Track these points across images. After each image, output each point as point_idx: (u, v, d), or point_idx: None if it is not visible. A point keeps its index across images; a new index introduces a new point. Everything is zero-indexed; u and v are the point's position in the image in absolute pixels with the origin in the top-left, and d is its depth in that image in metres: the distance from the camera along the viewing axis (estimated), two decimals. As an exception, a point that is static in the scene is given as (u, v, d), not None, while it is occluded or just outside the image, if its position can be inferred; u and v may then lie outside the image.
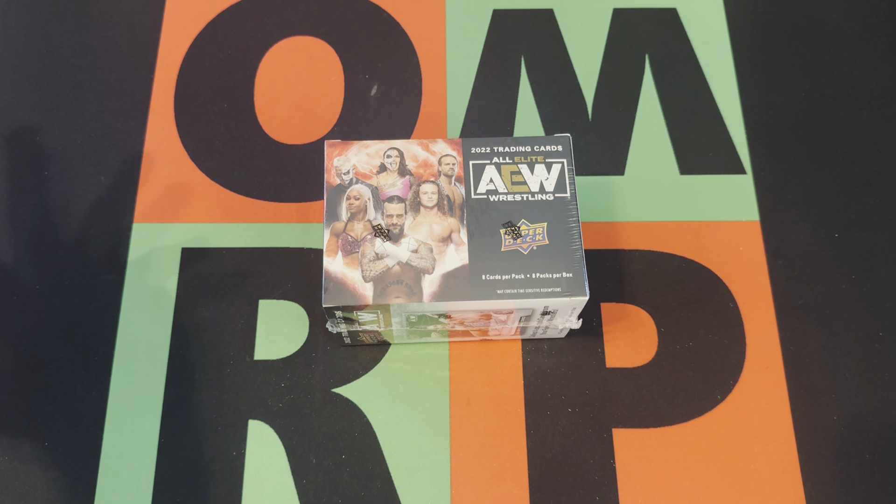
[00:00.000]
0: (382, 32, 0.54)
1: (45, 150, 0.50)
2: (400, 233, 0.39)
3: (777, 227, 0.49)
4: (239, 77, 0.53)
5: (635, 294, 0.47)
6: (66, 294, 0.46)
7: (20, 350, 0.45)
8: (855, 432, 0.44)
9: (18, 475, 0.42)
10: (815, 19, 0.55)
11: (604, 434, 0.44)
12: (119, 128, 0.51)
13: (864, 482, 0.43)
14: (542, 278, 0.39)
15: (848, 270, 0.48)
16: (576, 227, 0.40)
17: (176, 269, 0.47)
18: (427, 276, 0.38)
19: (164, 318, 0.46)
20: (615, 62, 0.53)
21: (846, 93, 0.52)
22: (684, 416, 0.44)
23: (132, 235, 0.48)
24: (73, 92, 0.52)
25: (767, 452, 0.43)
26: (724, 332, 0.46)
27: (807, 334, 0.46)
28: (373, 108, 0.52)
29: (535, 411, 0.44)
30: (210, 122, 0.51)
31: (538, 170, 0.41)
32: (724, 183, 0.50)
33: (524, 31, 0.54)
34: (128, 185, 0.49)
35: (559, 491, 0.42)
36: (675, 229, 0.49)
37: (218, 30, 0.54)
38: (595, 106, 0.52)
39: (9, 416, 0.44)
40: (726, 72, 0.53)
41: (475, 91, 0.52)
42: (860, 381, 0.45)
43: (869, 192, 0.50)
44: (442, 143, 0.41)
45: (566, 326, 0.43)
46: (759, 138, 0.51)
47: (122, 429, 0.44)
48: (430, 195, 0.40)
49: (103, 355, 0.45)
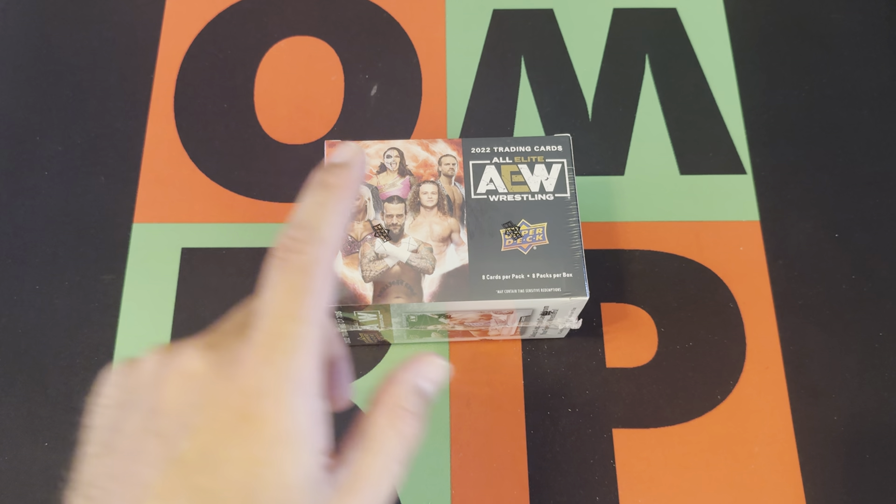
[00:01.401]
0: (382, 32, 0.54)
1: (44, 150, 0.50)
2: (400, 233, 0.39)
3: (777, 227, 0.49)
4: (239, 77, 0.53)
5: (635, 294, 0.47)
6: (65, 294, 0.46)
7: (20, 350, 0.45)
8: (855, 432, 0.44)
9: (18, 475, 0.42)
10: (815, 19, 0.55)
11: (604, 434, 0.44)
12: (119, 128, 0.51)
13: (865, 482, 0.43)
14: (542, 278, 0.39)
15: (848, 270, 0.48)
16: (576, 227, 0.40)
17: (176, 270, 0.47)
18: (427, 277, 0.38)
19: (164, 319, 0.46)
20: (615, 62, 0.53)
21: (847, 93, 0.52)
22: (684, 416, 0.44)
23: (132, 235, 0.48)
24: (73, 92, 0.52)
25: (768, 452, 0.43)
26: (724, 332, 0.46)
27: (807, 334, 0.46)
28: (373, 108, 0.52)
29: (535, 411, 0.44)
30: (210, 122, 0.51)
31: (538, 170, 0.41)
32: (724, 183, 0.50)
33: (524, 31, 0.54)
34: (127, 185, 0.49)
35: (559, 491, 0.42)
36: (676, 229, 0.49)
37: (218, 30, 0.54)
38: (595, 106, 0.52)
39: (8, 416, 0.44)
40: (726, 72, 0.53)
41: (475, 91, 0.52)
42: (861, 381, 0.45)
43: (869, 192, 0.50)
44: (442, 143, 0.41)
45: (566, 326, 0.43)
46: (760, 138, 0.51)
47: (122, 429, 0.43)
48: (429, 195, 0.40)
49: (103, 356, 0.45)
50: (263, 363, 0.22)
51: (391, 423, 0.25)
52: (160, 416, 0.22)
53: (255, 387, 0.22)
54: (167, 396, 0.23)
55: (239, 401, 0.22)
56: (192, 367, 0.23)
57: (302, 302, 0.23)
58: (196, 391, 0.22)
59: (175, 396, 0.22)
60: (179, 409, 0.22)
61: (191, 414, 0.22)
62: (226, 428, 0.22)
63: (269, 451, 0.22)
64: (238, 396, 0.22)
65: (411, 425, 0.25)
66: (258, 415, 0.22)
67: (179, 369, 0.23)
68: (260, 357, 0.22)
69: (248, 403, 0.22)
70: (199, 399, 0.22)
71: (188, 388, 0.22)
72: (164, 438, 0.22)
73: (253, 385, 0.22)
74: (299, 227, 0.24)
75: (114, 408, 0.24)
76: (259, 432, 0.22)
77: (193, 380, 0.22)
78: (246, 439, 0.22)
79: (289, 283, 0.23)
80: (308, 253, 0.23)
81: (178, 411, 0.22)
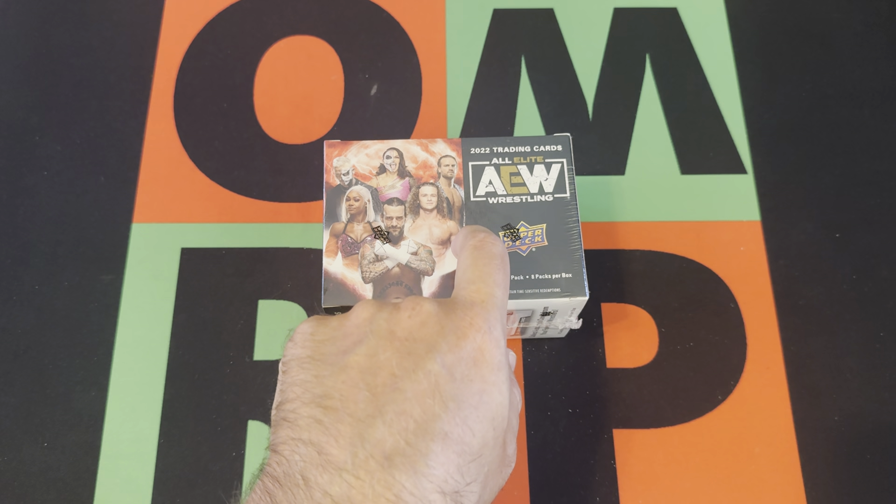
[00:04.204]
0: (382, 32, 0.54)
1: (44, 149, 0.50)
2: (399, 235, 0.39)
3: (778, 227, 0.49)
4: (238, 77, 0.52)
5: (636, 294, 0.47)
6: (65, 294, 0.46)
7: (19, 350, 0.45)
8: (856, 433, 0.44)
9: (17, 476, 0.42)
10: (816, 19, 0.55)
11: (604, 434, 0.43)
12: (118, 127, 0.51)
13: (866, 483, 0.43)
14: (541, 279, 0.38)
15: (849, 271, 0.47)
16: (575, 228, 0.39)
17: (175, 270, 0.47)
18: (427, 278, 0.38)
19: (163, 319, 0.46)
20: (616, 62, 0.53)
21: (848, 92, 0.52)
22: (685, 417, 0.44)
23: (131, 235, 0.48)
24: (73, 92, 0.52)
25: (768, 453, 0.43)
26: (724, 332, 0.46)
27: (808, 334, 0.46)
28: (373, 108, 0.52)
29: (535, 412, 0.44)
30: (209, 121, 0.51)
31: (537, 170, 0.41)
32: (724, 183, 0.50)
33: (524, 30, 0.54)
34: (127, 185, 0.49)
35: (560, 492, 0.42)
36: (676, 229, 0.48)
37: (217, 29, 0.54)
38: (595, 105, 0.52)
39: (7, 416, 0.44)
40: (727, 71, 0.53)
41: (475, 91, 0.52)
42: (861, 382, 0.45)
43: (870, 191, 0.49)
44: (441, 144, 0.41)
45: (566, 327, 0.43)
46: (760, 138, 0.51)
47: (122, 429, 0.43)
48: (429, 198, 0.40)
49: (102, 356, 0.45)
50: (482, 310, 0.30)
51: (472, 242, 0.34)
52: (402, 341, 0.29)
53: (479, 325, 0.29)
54: (405, 327, 0.29)
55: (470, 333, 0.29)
56: (424, 307, 0.30)
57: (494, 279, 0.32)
58: (434, 324, 0.29)
59: (414, 327, 0.29)
60: (423, 337, 0.29)
61: (434, 339, 0.28)
62: (464, 354, 0.28)
63: (494, 375, 0.29)
64: (469, 329, 0.29)
65: (486, 234, 0.34)
66: (484, 349, 0.29)
67: (413, 307, 0.30)
68: (477, 309, 0.30)
69: (476, 337, 0.29)
70: (439, 329, 0.29)
71: (426, 322, 0.29)
72: (412, 356, 0.28)
73: (478, 324, 0.29)
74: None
75: (329, 342, 0.30)
76: (488, 363, 0.29)
77: (431, 315, 0.29)
78: (480, 365, 0.29)
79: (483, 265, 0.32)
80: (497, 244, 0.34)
81: (421, 339, 0.29)
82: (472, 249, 0.33)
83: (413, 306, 0.30)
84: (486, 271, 0.32)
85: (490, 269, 0.32)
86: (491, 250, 0.33)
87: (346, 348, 0.29)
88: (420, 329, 0.29)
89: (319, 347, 0.30)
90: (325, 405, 0.27)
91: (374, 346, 0.29)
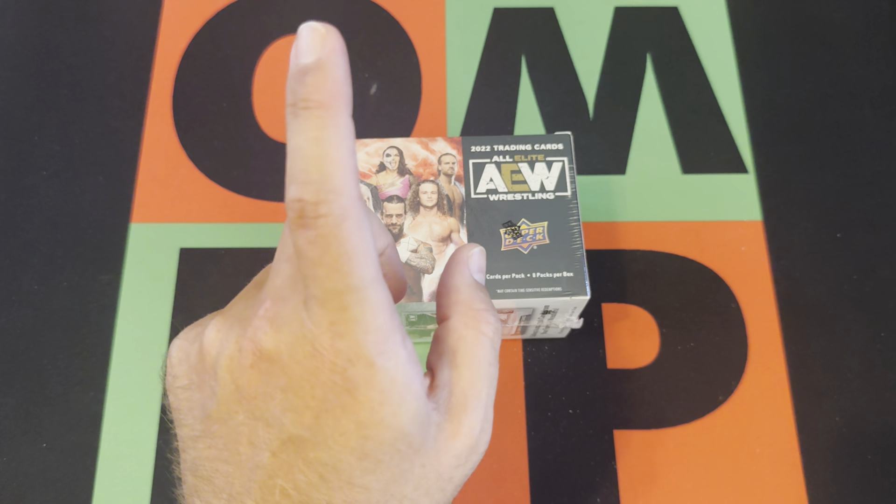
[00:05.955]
0: (382, 31, 0.54)
1: (42, 149, 0.50)
2: (399, 233, 0.39)
3: (779, 227, 0.48)
4: (237, 76, 0.52)
5: (637, 294, 0.47)
6: (63, 294, 0.46)
7: (17, 350, 0.45)
8: (858, 433, 0.44)
9: (16, 476, 0.42)
10: (817, 18, 0.54)
11: (605, 435, 0.43)
12: (117, 127, 0.51)
13: (867, 483, 0.42)
14: (542, 277, 0.38)
15: (850, 270, 0.47)
16: (576, 226, 0.39)
17: (174, 269, 0.47)
18: (427, 276, 0.38)
19: (162, 319, 0.46)
20: (616, 61, 0.53)
21: (849, 92, 0.52)
22: (686, 418, 0.44)
23: (130, 235, 0.48)
24: (71, 91, 0.52)
25: (770, 453, 0.43)
26: (726, 332, 0.46)
27: (809, 335, 0.46)
28: (372, 107, 0.51)
29: (535, 412, 0.44)
30: (208, 121, 0.51)
31: (538, 168, 0.40)
32: (726, 182, 0.49)
33: (525, 29, 0.54)
34: (125, 185, 0.49)
35: (560, 492, 0.42)
36: (677, 229, 0.48)
37: (216, 28, 0.54)
38: (596, 105, 0.52)
39: (6, 416, 0.43)
40: (728, 71, 0.53)
41: (475, 90, 0.52)
42: (863, 382, 0.45)
43: (872, 191, 0.49)
44: (442, 142, 0.41)
45: (567, 326, 0.43)
46: (762, 137, 0.51)
47: (120, 429, 0.43)
48: (429, 195, 0.40)
49: (101, 356, 0.45)
50: (337, 338, 0.21)
51: (473, 328, 0.25)
52: (251, 400, 0.22)
53: (339, 361, 0.21)
54: (251, 382, 0.22)
55: (331, 377, 0.21)
56: (265, 348, 0.22)
57: (349, 271, 0.21)
58: (280, 374, 0.22)
59: (260, 381, 0.22)
60: (270, 393, 0.22)
61: (285, 396, 0.22)
62: (327, 403, 0.21)
63: (376, 413, 0.21)
64: (329, 373, 0.21)
65: (491, 323, 0.25)
66: (354, 384, 0.21)
67: (253, 352, 0.22)
68: (332, 333, 0.21)
69: (340, 377, 0.21)
70: (287, 382, 0.22)
71: (271, 371, 0.22)
72: (265, 422, 0.22)
73: (337, 360, 0.21)
74: (304, 183, 0.21)
75: (192, 389, 0.24)
76: (361, 399, 0.21)
77: (273, 363, 0.22)
78: (351, 409, 0.21)
79: (327, 259, 0.21)
80: (328, 214, 0.20)
81: (269, 395, 0.22)
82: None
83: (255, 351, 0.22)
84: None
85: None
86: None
87: (204, 402, 0.24)
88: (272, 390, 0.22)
89: (179, 396, 0.25)
90: (198, 475, 0.24)
91: (226, 409, 0.23)
